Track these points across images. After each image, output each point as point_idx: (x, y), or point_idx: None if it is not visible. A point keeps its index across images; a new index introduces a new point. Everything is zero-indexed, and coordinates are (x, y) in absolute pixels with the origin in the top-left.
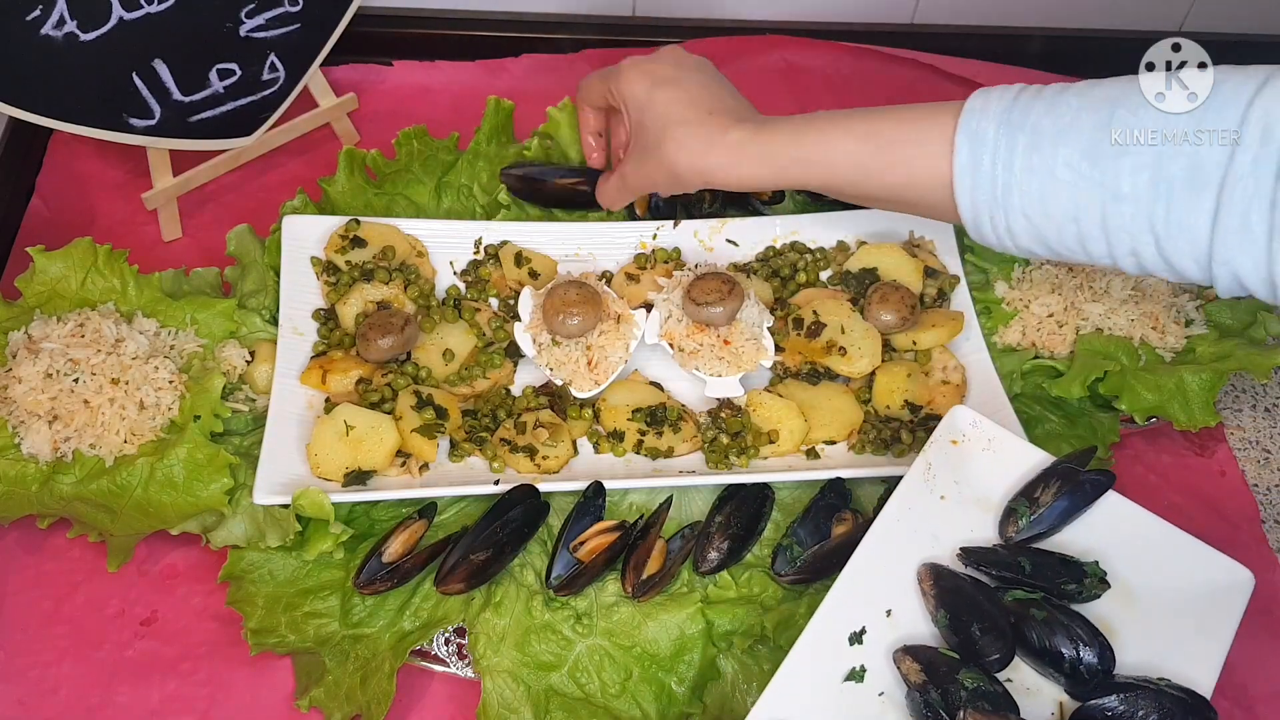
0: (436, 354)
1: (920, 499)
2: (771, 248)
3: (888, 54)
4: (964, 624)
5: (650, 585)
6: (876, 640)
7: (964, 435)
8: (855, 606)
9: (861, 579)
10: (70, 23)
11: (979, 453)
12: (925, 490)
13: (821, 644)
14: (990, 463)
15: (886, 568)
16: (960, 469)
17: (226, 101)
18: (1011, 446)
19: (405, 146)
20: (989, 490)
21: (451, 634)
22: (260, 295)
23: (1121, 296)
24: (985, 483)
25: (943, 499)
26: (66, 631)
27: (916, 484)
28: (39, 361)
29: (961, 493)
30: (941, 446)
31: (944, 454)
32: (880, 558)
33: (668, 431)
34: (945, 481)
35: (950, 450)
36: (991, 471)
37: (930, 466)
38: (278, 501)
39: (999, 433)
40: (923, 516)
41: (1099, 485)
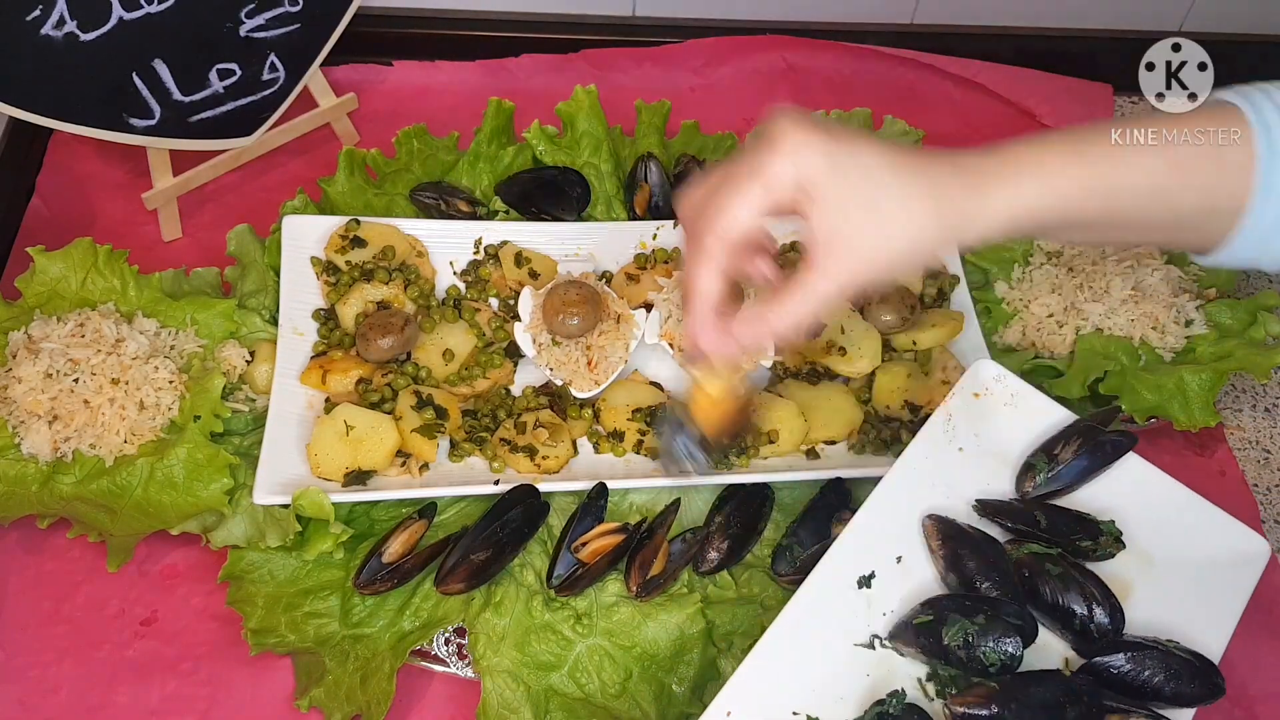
0: (436, 354)
1: (938, 449)
2: None
3: (888, 54)
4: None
5: (654, 586)
6: (884, 585)
7: (986, 388)
8: (865, 550)
9: (874, 523)
10: (70, 23)
11: (1001, 407)
12: (944, 441)
13: (830, 585)
14: (1012, 417)
15: (899, 514)
16: (981, 422)
17: (226, 101)
18: (1034, 402)
19: (405, 146)
20: (1008, 445)
21: (451, 634)
22: (260, 295)
23: (1121, 296)
24: (1005, 437)
25: (961, 450)
26: (66, 631)
27: (936, 434)
28: (39, 361)
29: (980, 445)
30: (963, 398)
31: (965, 406)
32: (893, 504)
33: None
34: (965, 433)
35: (972, 402)
36: (1012, 426)
37: (950, 417)
38: (278, 501)
39: (1022, 388)
40: (939, 466)
41: (1119, 446)
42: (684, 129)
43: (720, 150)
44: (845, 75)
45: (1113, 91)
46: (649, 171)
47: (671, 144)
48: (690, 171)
